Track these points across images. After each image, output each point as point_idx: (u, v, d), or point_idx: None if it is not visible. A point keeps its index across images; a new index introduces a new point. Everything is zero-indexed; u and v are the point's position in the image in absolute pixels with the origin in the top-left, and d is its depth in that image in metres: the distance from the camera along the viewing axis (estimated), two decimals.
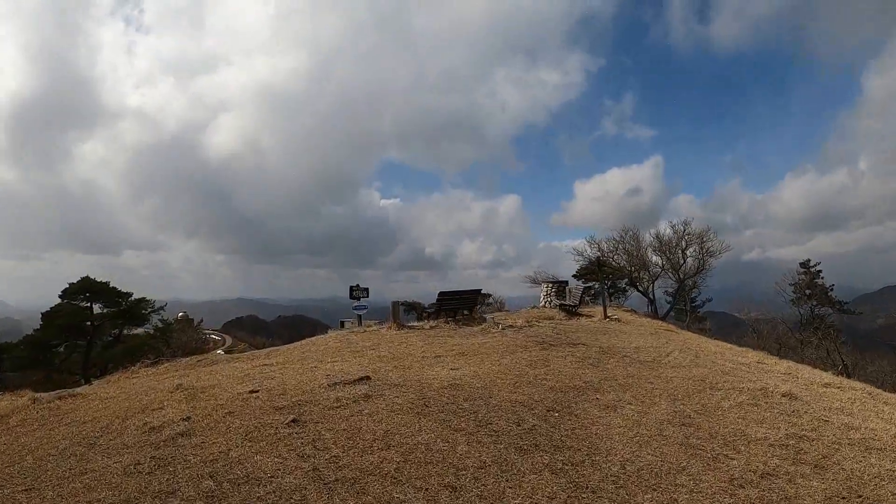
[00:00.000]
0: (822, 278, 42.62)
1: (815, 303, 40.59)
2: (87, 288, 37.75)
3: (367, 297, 20.89)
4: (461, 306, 18.81)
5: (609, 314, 19.29)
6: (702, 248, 27.64)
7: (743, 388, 9.68)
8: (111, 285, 38.73)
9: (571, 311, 19.84)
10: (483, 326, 15.90)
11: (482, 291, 19.53)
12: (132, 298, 41.28)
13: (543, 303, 23.63)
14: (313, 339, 16.86)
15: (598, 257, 18.92)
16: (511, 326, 15.90)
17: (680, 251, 27.38)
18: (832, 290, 42.87)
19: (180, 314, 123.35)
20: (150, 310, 44.00)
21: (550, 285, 23.53)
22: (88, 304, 38.40)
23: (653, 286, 28.51)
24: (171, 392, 8.95)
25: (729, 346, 17.23)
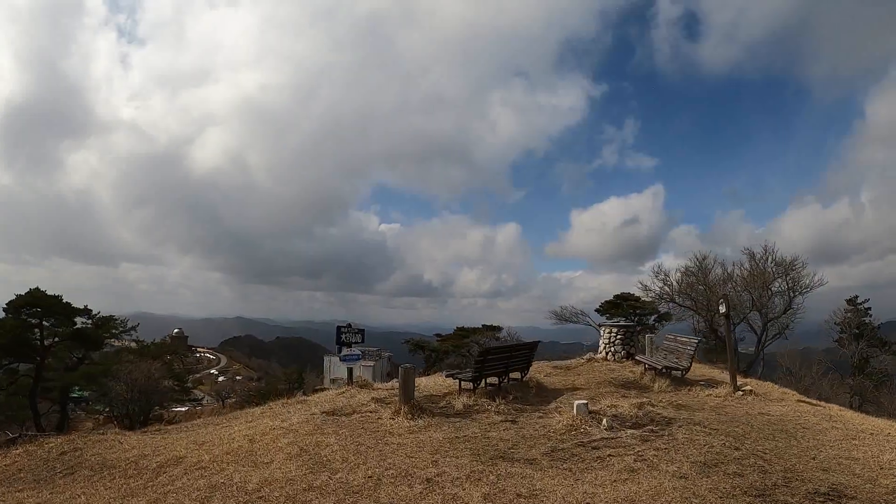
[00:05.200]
0: (871, 315, 35.25)
1: (863, 344, 32.92)
2: (34, 302, 29.45)
3: (362, 341, 13.04)
4: (511, 367, 10.95)
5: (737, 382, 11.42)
6: (789, 282, 19.82)
7: None
8: (63, 300, 30.57)
9: (677, 377, 11.99)
10: (566, 419, 7.96)
11: (537, 344, 11.57)
12: (98, 316, 33.45)
13: (604, 352, 15.76)
14: (261, 422, 9.07)
15: (725, 295, 11.22)
16: (616, 417, 8.01)
17: (765, 286, 19.57)
18: (880, 329, 35.51)
19: (175, 331, 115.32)
20: (119, 330, 36.15)
21: (615, 330, 15.69)
22: (38, 321, 30.12)
23: (734, 331, 20.65)
24: None
25: None
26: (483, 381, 10.40)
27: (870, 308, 34.99)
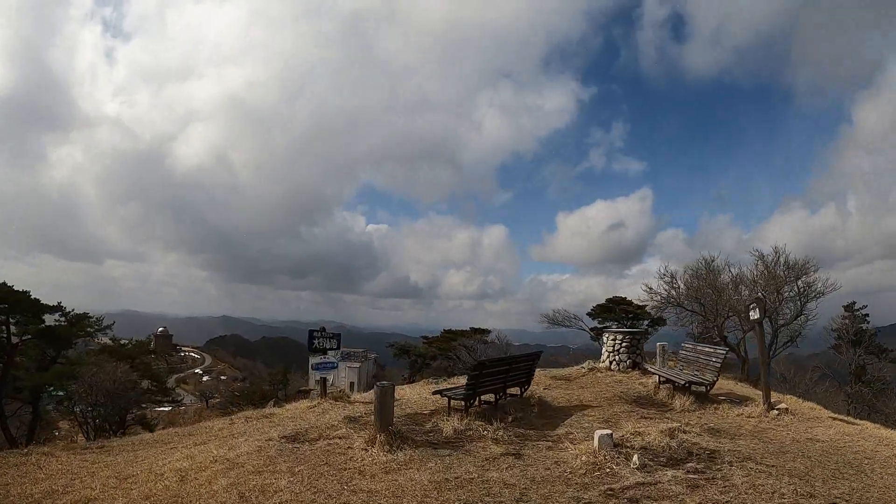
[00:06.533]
0: (869, 322, 33.77)
1: (861, 351, 31.32)
2: (1, 298, 27.17)
3: (338, 347, 11.21)
4: (510, 381, 9.15)
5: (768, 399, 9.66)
6: (800, 287, 18.17)
7: None
8: (32, 296, 28.28)
9: (695, 392, 10.24)
10: (584, 452, 6.18)
11: (539, 354, 9.75)
12: (72, 313, 31.18)
13: (607, 360, 14.00)
14: (206, 448, 7.26)
15: (759, 299, 9.58)
16: (647, 450, 6.26)
17: (775, 290, 17.90)
18: (878, 334, 34.08)
19: (160, 329, 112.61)
20: (94, 328, 33.91)
21: (619, 337, 13.92)
22: (5, 318, 27.82)
23: (744, 339, 18.89)
24: None
25: None
26: (477, 398, 8.58)
27: (867, 315, 33.59)
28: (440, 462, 6.03)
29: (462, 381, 13.75)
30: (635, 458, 5.89)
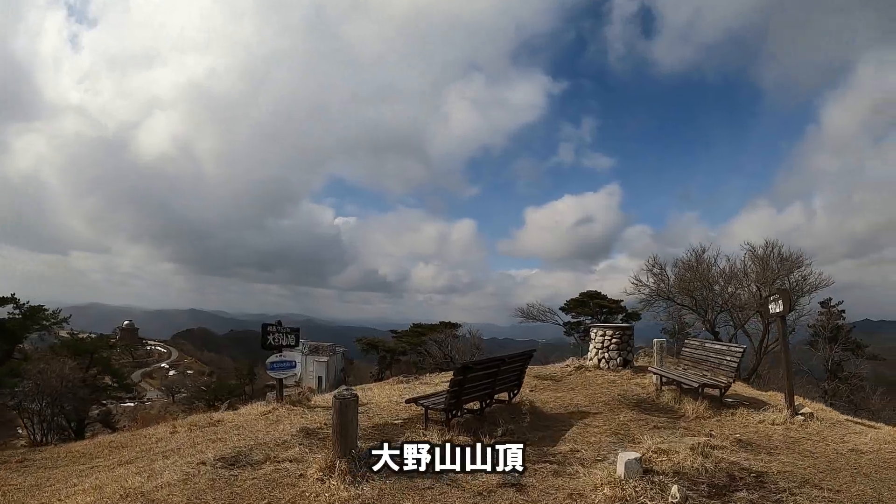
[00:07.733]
0: (845, 318, 33.16)
1: (839, 348, 30.66)
2: None
3: (296, 343, 9.64)
4: (499, 386, 7.67)
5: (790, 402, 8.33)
6: (792, 281, 17.16)
7: None
8: None
9: (717, 397, 8.86)
10: (605, 482, 4.71)
11: (531, 354, 8.26)
12: (27, 305, 28.92)
13: (596, 358, 12.66)
14: (125, 473, 5.64)
15: (783, 290, 8.29)
16: (681, 475, 4.84)
17: (768, 284, 16.82)
18: (852, 331, 33.51)
19: (125, 323, 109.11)
20: (50, 321, 31.67)
21: (608, 333, 12.59)
22: None
23: (736, 335, 17.77)
24: None
25: None
26: (460, 407, 7.06)
27: (843, 311, 32.98)
28: (419, 498, 4.53)
29: (435, 379, 12.25)
30: (674, 489, 4.47)
